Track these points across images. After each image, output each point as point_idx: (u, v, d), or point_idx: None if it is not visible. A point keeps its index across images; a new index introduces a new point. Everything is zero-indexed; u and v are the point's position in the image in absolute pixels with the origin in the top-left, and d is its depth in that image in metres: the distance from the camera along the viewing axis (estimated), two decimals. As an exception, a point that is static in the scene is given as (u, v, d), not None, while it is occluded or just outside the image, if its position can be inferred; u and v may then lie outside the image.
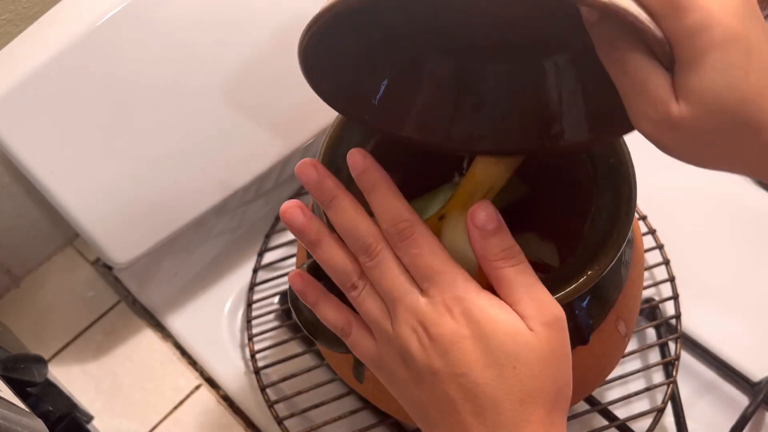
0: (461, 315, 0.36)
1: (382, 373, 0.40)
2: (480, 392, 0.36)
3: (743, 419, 0.57)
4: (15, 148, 0.52)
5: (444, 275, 0.37)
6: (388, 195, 0.38)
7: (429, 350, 0.37)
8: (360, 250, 0.39)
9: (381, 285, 0.38)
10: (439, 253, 0.38)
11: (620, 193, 0.44)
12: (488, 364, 0.36)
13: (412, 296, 0.37)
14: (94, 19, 0.52)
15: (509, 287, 0.37)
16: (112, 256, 0.58)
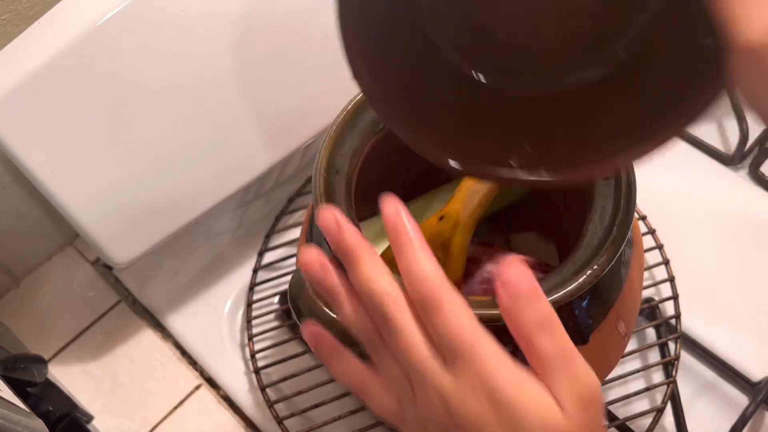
0: (489, 397, 0.33)
1: (406, 429, 0.37)
2: None
3: (743, 419, 0.57)
4: (15, 148, 0.52)
5: (473, 350, 0.33)
6: (417, 252, 0.34)
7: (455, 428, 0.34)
8: (378, 318, 0.35)
9: (402, 357, 0.35)
10: (468, 322, 0.34)
11: (620, 193, 0.44)
12: None
13: (435, 373, 0.34)
14: (94, 19, 0.52)
15: (543, 362, 0.33)
16: (112, 256, 0.58)
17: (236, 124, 0.58)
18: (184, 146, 0.57)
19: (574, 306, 0.44)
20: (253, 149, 0.60)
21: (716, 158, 0.71)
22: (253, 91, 0.58)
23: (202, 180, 0.59)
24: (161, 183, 0.57)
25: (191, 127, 0.57)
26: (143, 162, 0.56)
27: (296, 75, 0.60)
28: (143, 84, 0.54)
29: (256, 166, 0.61)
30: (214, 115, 0.57)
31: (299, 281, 0.42)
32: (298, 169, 0.72)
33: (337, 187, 0.46)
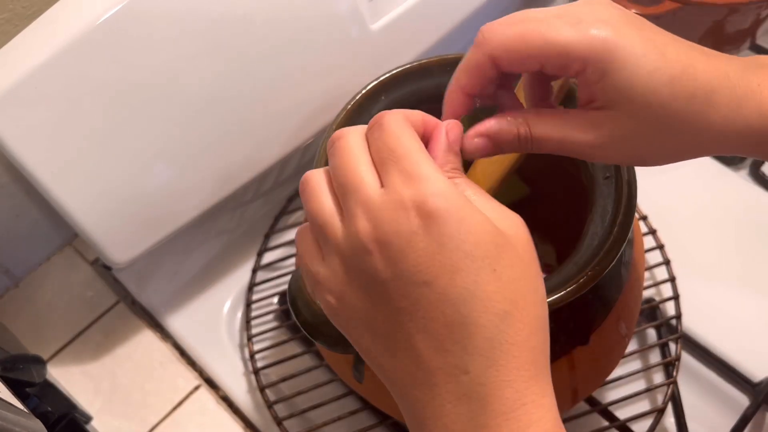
0: (424, 208, 0.29)
1: (320, 300, 0.33)
2: (448, 307, 0.29)
3: (744, 420, 0.57)
4: (14, 147, 0.52)
5: (407, 160, 0.30)
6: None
7: (381, 254, 0.30)
8: (329, 143, 0.33)
9: (336, 174, 0.32)
10: (407, 138, 0.31)
11: (620, 193, 0.44)
12: (461, 269, 0.29)
13: (365, 186, 0.31)
14: (94, 18, 0.51)
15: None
16: (111, 256, 0.58)
17: (235, 123, 0.58)
18: (183, 146, 0.57)
19: (575, 306, 0.44)
20: (253, 149, 0.60)
21: (717, 158, 0.71)
22: (252, 91, 0.58)
23: (202, 180, 0.59)
24: (160, 183, 0.57)
25: (190, 126, 0.57)
26: (142, 162, 0.56)
27: (296, 75, 0.59)
28: (142, 83, 0.54)
29: (255, 165, 0.61)
30: (214, 115, 0.57)
31: (298, 281, 0.42)
32: (297, 169, 0.71)
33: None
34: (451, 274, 0.29)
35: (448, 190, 0.30)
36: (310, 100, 0.61)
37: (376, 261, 0.30)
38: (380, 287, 0.30)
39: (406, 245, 0.29)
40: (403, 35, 0.63)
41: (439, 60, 0.50)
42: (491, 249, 0.30)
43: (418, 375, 0.30)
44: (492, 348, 0.29)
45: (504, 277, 0.30)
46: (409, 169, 0.30)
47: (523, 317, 0.30)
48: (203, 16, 0.54)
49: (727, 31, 0.68)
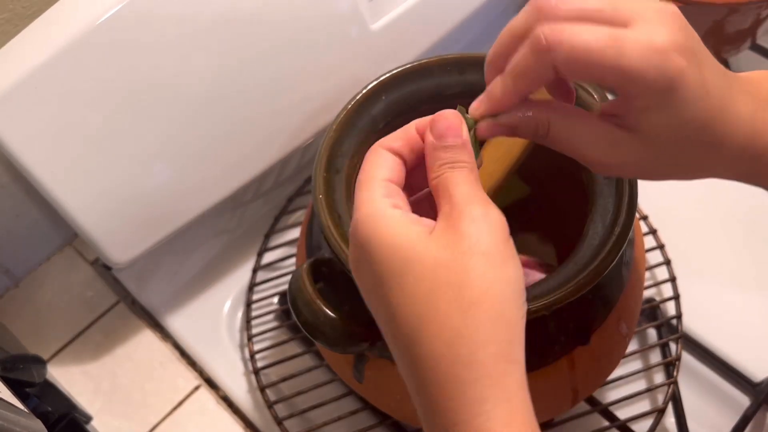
0: (355, 235, 0.33)
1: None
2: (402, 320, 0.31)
3: (744, 420, 0.57)
4: (14, 147, 0.52)
5: (358, 188, 0.34)
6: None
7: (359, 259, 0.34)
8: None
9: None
10: (369, 166, 0.34)
11: (621, 192, 0.44)
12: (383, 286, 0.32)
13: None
14: (94, 18, 0.51)
15: (445, 199, 0.33)
16: (111, 256, 0.58)
17: (235, 123, 0.58)
18: (183, 146, 0.57)
19: (575, 306, 0.44)
20: (253, 149, 0.60)
21: (717, 158, 0.71)
22: (252, 91, 0.58)
23: (202, 180, 0.59)
24: (160, 182, 0.57)
25: (190, 126, 0.57)
26: (142, 161, 0.56)
27: (296, 75, 0.59)
28: (142, 83, 0.54)
29: (255, 165, 0.61)
30: (213, 115, 0.57)
31: (299, 281, 0.42)
32: (297, 169, 0.71)
33: (337, 187, 0.46)
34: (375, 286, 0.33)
35: (369, 212, 0.33)
36: (310, 100, 0.61)
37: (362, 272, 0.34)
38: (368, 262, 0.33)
39: (358, 268, 0.34)
40: (403, 35, 0.63)
41: (439, 60, 0.50)
42: (398, 264, 0.32)
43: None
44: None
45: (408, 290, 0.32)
46: (356, 196, 0.34)
47: (438, 321, 0.31)
48: (203, 16, 0.54)
49: (727, 31, 0.68)
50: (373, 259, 0.32)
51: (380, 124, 0.50)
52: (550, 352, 0.46)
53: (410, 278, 0.31)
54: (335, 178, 0.46)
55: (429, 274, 0.31)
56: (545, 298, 0.41)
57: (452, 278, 0.31)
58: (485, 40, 0.77)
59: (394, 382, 0.36)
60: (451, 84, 0.50)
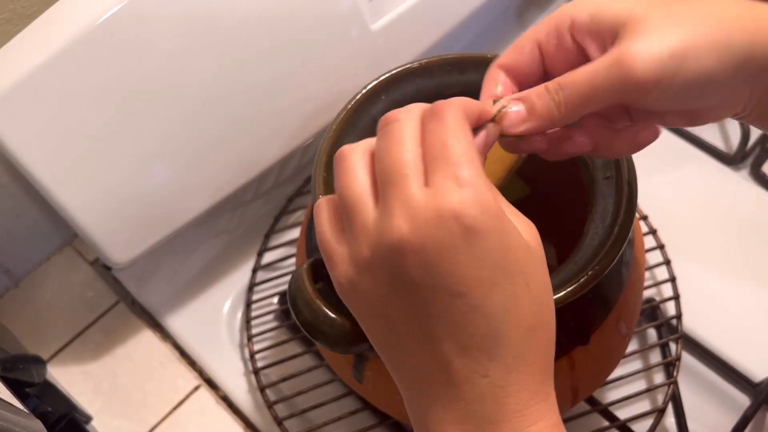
0: (467, 221, 0.29)
1: (335, 276, 0.33)
2: (480, 318, 0.29)
3: (744, 420, 0.57)
4: (14, 147, 0.52)
5: (458, 164, 0.29)
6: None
7: (416, 258, 0.29)
8: (382, 121, 0.32)
9: (381, 157, 0.31)
10: (463, 139, 0.30)
11: (621, 193, 0.44)
12: (498, 284, 0.29)
13: (409, 181, 0.29)
14: (94, 18, 0.51)
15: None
16: (111, 256, 0.58)
17: (235, 123, 0.58)
18: (182, 146, 0.57)
19: (575, 306, 0.44)
20: (253, 149, 0.60)
21: (718, 158, 0.71)
22: (252, 91, 0.58)
23: (201, 180, 0.59)
24: (160, 182, 0.57)
25: (190, 126, 0.57)
26: (142, 161, 0.56)
27: (296, 75, 0.59)
28: (142, 83, 0.54)
29: (255, 165, 0.61)
30: (213, 115, 0.57)
31: (298, 281, 0.42)
32: (297, 169, 0.71)
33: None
34: (488, 288, 0.29)
35: (491, 204, 0.29)
36: (310, 100, 0.61)
37: (410, 264, 0.29)
38: (409, 289, 0.30)
39: (445, 255, 0.29)
40: (403, 35, 0.63)
41: (439, 60, 0.50)
42: (525, 264, 0.30)
43: (436, 374, 0.31)
44: (515, 358, 0.30)
45: (534, 291, 0.30)
46: (459, 174, 0.29)
47: (545, 327, 0.31)
48: (203, 16, 0.54)
49: (728, 30, 0.68)
50: (494, 258, 0.29)
51: (380, 124, 0.49)
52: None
53: (536, 276, 0.31)
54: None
55: (544, 272, 0.31)
56: (545, 298, 0.41)
57: (547, 277, 0.32)
58: (485, 40, 0.77)
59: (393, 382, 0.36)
60: (451, 84, 0.50)
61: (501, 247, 0.29)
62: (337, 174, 0.32)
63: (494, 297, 0.29)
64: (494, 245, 0.29)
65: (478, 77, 0.50)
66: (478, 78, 0.50)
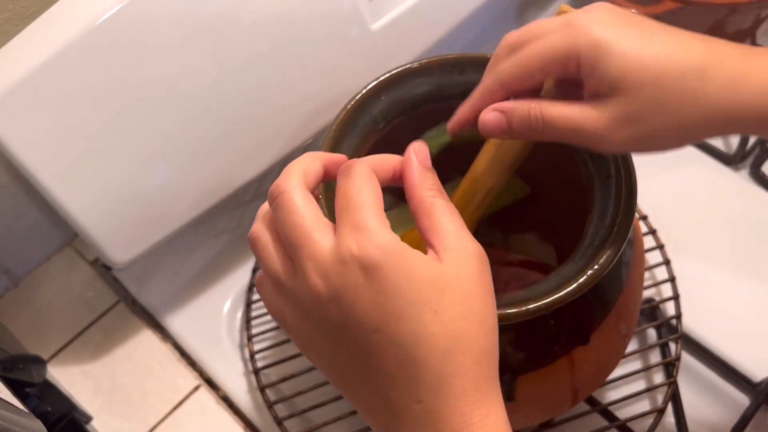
0: (366, 262, 0.31)
1: (295, 340, 0.36)
2: (398, 349, 0.32)
3: (744, 420, 0.57)
4: (14, 147, 0.52)
5: (358, 212, 0.32)
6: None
7: (333, 306, 0.32)
8: (270, 197, 0.35)
9: (282, 231, 0.34)
10: (366, 190, 0.33)
11: (620, 193, 0.44)
12: (405, 315, 0.31)
13: (312, 242, 0.33)
14: (94, 18, 0.51)
15: (435, 217, 0.34)
16: (111, 256, 0.58)
17: (236, 123, 0.58)
18: (183, 146, 0.57)
19: (575, 306, 0.44)
20: (253, 149, 0.60)
21: (717, 158, 0.71)
22: (252, 91, 0.58)
23: (202, 180, 0.59)
24: (160, 182, 0.57)
25: (190, 126, 0.57)
26: (142, 162, 0.56)
27: (296, 75, 0.59)
28: (142, 83, 0.54)
29: (255, 165, 0.61)
30: (213, 115, 0.57)
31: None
32: (297, 169, 0.71)
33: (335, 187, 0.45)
34: (397, 320, 0.32)
35: (389, 242, 0.32)
36: (310, 99, 0.61)
37: (330, 312, 0.32)
38: (338, 333, 0.33)
39: (354, 297, 0.32)
40: (403, 35, 0.63)
41: (439, 60, 0.50)
42: (431, 294, 0.32)
43: (380, 405, 0.33)
44: (438, 381, 0.32)
45: (445, 318, 0.32)
46: (358, 221, 0.32)
47: (465, 350, 0.32)
48: (203, 16, 0.54)
49: (727, 31, 0.68)
50: (396, 291, 0.32)
51: (380, 124, 0.50)
52: (550, 352, 0.46)
53: (446, 303, 0.32)
54: (335, 178, 0.46)
55: (460, 300, 0.33)
56: (545, 298, 0.41)
57: (477, 305, 0.33)
58: (485, 40, 0.77)
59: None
60: (451, 84, 0.50)
61: (402, 281, 0.32)
62: (257, 257, 0.36)
63: (402, 327, 0.32)
64: (395, 280, 0.32)
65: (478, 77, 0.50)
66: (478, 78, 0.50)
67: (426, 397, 0.32)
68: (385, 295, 0.32)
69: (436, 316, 0.32)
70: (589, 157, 0.46)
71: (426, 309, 0.32)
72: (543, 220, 0.60)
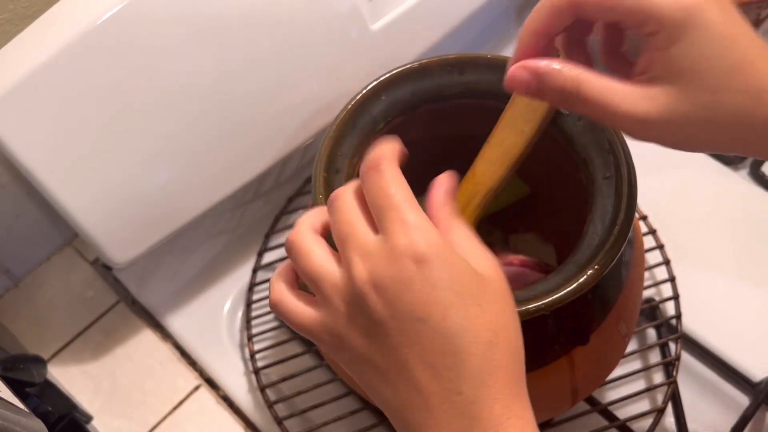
0: (418, 255, 0.33)
1: (324, 343, 0.36)
2: (442, 339, 0.32)
3: (744, 420, 0.57)
4: (14, 147, 0.52)
5: (402, 210, 0.33)
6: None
7: (378, 296, 0.33)
8: (329, 202, 0.36)
9: (337, 228, 0.35)
10: (402, 187, 0.34)
11: (621, 193, 0.44)
12: (452, 305, 0.32)
13: (361, 235, 0.34)
14: (94, 18, 0.51)
15: (454, 233, 0.35)
16: (111, 256, 0.58)
17: (236, 123, 0.58)
18: (183, 146, 0.57)
19: (575, 306, 0.44)
20: (253, 149, 0.60)
21: (717, 158, 0.71)
22: (253, 91, 0.58)
23: (202, 180, 0.59)
24: (160, 183, 0.57)
25: (191, 126, 0.57)
26: (142, 162, 0.56)
27: (296, 75, 0.59)
28: (142, 83, 0.54)
29: (255, 165, 0.61)
30: (214, 115, 0.57)
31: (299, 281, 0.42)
32: (297, 169, 0.71)
33: (336, 187, 0.46)
34: (444, 310, 0.32)
35: (437, 240, 0.33)
36: (310, 100, 0.61)
37: (375, 302, 0.33)
38: (379, 325, 0.33)
39: (403, 287, 0.33)
40: (403, 35, 0.63)
41: (439, 60, 0.50)
42: (475, 288, 0.33)
43: (417, 400, 0.33)
44: (481, 371, 0.32)
45: (488, 312, 0.33)
46: (405, 218, 0.33)
47: (506, 345, 0.33)
48: (203, 17, 0.54)
49: (727, 31, 0.68)
50: (445, 283, 0.33)
51: (380, 124, 0.50)
52: (549, 352, 0.46)
53: (488, 299, 0.33)
54: (335, 178, 0.46)
55: (500, 298, 0.34)
56: (545, 298, 0.41)
57: (512, 304, 0.35)
58: (485, 40, 0.77)
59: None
60: (451, 84, 0.50)
61: (451, 274, 0.33)
62: (295, 257, 0.36)
63: (451, 316, 0.32)
64: (445, 272, 0.33)
65: (478, 77, 0.50)
66: (478, 78, 0.50)
67: (467, 388, 0.32)
68: (433, 287, 0.32)
69: (480, 308, 0.33)
70: (589, 157, 0.46)
71: (471, 302, 0.33)
72: (543, 220, 0.60)
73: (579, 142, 0.46)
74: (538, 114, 0.44)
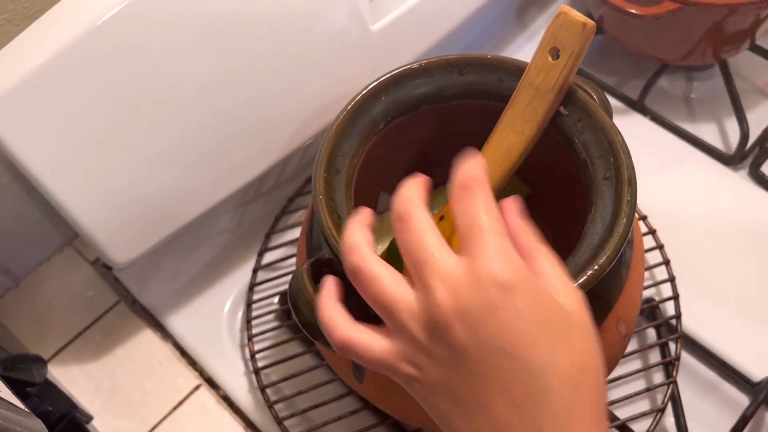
0: (503, 283, 0.31)
1: (400, 375, 0.35)
2: (527, 374, 0.31)
3: (744, 419, 0.57)
4: (15, 147, 0.52)
5: (492, 236, 0.32)
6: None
7: (462, 324, 0.31)
8: (395, 216, 0.34)
9: (409, 251, 0.33)
10: (496, 213, 0.33)
11: (621, 193, 0.44)
12: (538, 339, 0.31)
13: (441, 259, 0.32)
14: (94, 18, 0.51)
15: (539, 263, 0.34)
16: (111, 256, 0.58)
17: (236, 123, 0.58)
18: (184, 146, 0.57)
19: (575, 306, 0.44)
20: (253, 149, 0.60)
21: (717, 158, 0.71)
22: (253, 92, 0.58)
23: (202, 180, 0.59)
24: (161, 183, 0.57)
25: (191, 127, 0.57)
26: (142, 162, 0.56)
27: (296, 75, 0.60)
28: (143, 84, 0.54)
29: (256, 166, 0.61)
30: (214, 115, 0.57)
31: (299, 281, 0.42)
32: (298, 169, 0.72)
33: (337, 187, 0.46)
34: (529, 343, 0.31)
35: (523, 268, 0.32)
36: (310, 100, 0.61)
37: (458, 330, 0.32)
38: (461, 355, 0.32)
39: (487, 316, 0.31)
40: (403, 36, 0.63)
41: (440, 60, 0.50)
42: (561, 323, 0.32)
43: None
44: (566, 411, 0.31)
45: (574, 349, 0.32)
46: (494, 243, 0.32)
47: (591, 383, 0.32)
48: (203, 17, 0.54)
49: (727, 31, 0.68)
50: (531, 316, 0.31)
51: (380, 124, 0.50)
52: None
53: (576, 336, 0.33)
54: (335, 178, 0.46)
55: (587, 335, 0.34)
56: (545, 298, 0.41)
57: (596, 343, 0.34)
58: (485, 40, 0.77)
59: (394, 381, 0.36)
60: (451, 84, 0.50)
61: (536, 305, 0.32)
62: (364, 285, 0.34)
63: (536, 351, 0.31)
64: (530, 303, 0.31)
65: (478, 78, 0.50)
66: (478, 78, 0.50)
67: (550, 427, 0.31)
68: (518, 318, 0.31)
69: (567, 346, 0.32)
70: (589, 158, 0.46)
71: (557, 337, 0.32)
72: (543, 220, 0.60)
73: (579, 143, 0.46)
74: (538, 114, 0.44)
